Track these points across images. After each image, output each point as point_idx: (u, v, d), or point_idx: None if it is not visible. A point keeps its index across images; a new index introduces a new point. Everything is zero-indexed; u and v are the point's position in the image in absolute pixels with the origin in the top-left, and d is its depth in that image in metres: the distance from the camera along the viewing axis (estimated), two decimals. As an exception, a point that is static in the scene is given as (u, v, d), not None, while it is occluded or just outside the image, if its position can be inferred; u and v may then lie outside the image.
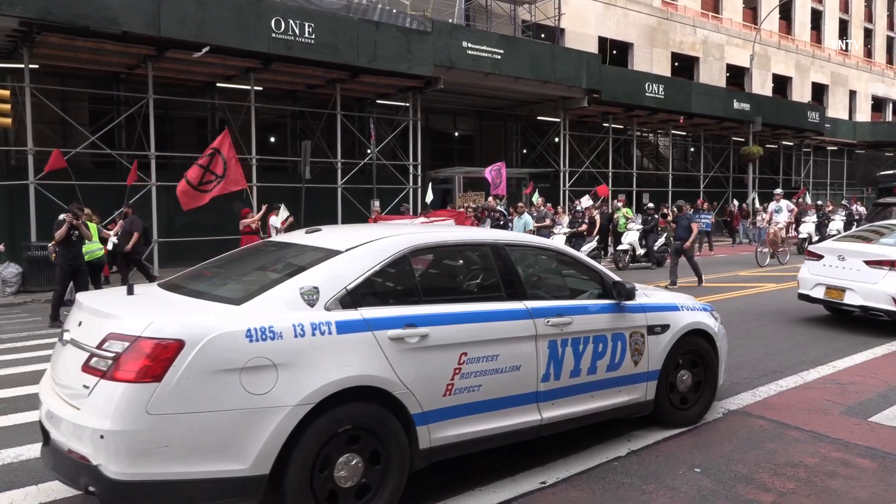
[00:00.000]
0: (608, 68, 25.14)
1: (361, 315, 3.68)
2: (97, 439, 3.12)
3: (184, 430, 3.16)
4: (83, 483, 3.23)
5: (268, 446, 3.28)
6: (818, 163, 40.01)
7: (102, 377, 3.20)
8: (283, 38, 16.01)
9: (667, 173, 29.95)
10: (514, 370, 4.17)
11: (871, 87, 47.08)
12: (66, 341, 3.65)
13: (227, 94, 19.30)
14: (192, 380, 3.18)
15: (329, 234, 4.45)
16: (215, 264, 4.60)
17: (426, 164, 22.86)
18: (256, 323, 3.38)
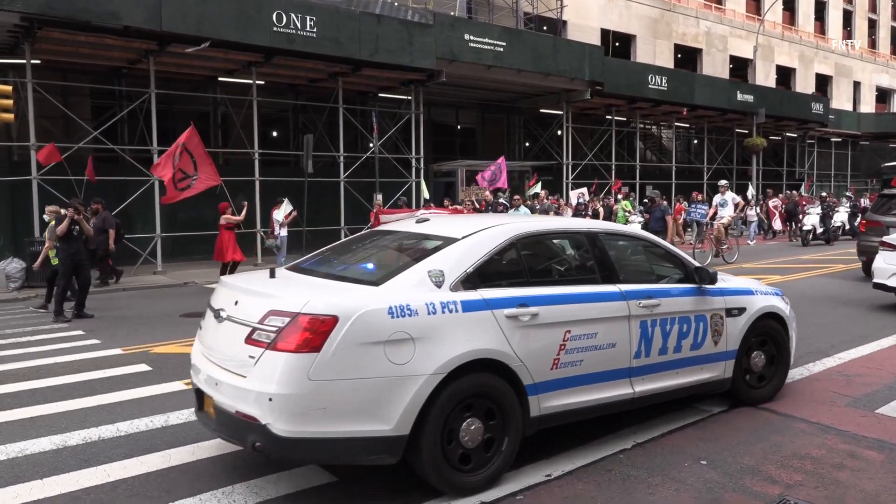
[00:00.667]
0: (611, 60, 25.04)
1: (481, 295, 4.10)
2: (265, 402, 3.58)
3: (339, 395, 3.61)
4: (250, 440, 3.68)
5: (408, 410, 3.70)
6: (822, 154, 39.87)
7: (267, 348, 3.66)
8: (284, 32, 15.95)
9: (670, 165, 29.90)
10: (611, 347, 4.56)
11: (876, 78, 46.83)
12: (222, 318, 4.08)
13: (228, 89, 19.26)
14: (346, 350, 3.62)
15: (438, 224, 4.99)
16: (334, 251, 5.10)
17: (428, 157, 22.80)
18: (395, 301, 3.81)
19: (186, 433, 5.11)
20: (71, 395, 6.15)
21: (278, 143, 22.49)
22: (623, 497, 3.96)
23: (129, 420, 5.43)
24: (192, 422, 5.35)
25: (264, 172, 17.75)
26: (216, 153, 20.84)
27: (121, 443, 4.95)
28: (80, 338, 8.91)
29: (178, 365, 7.21)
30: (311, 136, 16.98)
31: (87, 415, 5.60)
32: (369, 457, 3.75)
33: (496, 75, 20.75)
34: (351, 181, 19.13)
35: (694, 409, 5.48)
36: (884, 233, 12.67)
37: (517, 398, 4.13)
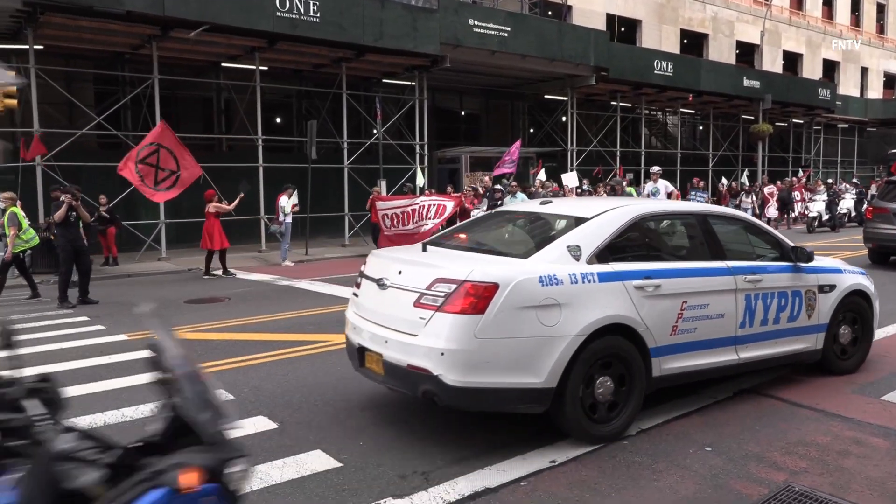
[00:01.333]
0: (616, 46, 24.84)
1: (612, 268, 4.65)
2: (437, 356, 4.18)
3: (499, 351, 4.19)
4: (421, 389, 4.30)
5: (556, 365, 4.27)
6: (828, 141, 39.59)
7: (437, 311, 4.24)
8: (287, 17, 15.85)
9: (675, 152, 29.70)
10: (720, 317, 5.07)
11: (883, 64, 46.39)
12: (385, 286, 4.67)
13: (232, 74, 19.18)
14: (505, 313, 4.19)
15: (563, 205, 5.80)
16: (467, 229, 5.84)
17: (432, 143, 22.72)
18: (544, 272, 4.37)
19: (191, 419, 5.12)
20: (76, 381, 6.16)
21: (282, 129, 22.42)
22: (628, 483, 3.96)
23: (134, 406, 5.44)
24: (196, 407, 5.36)
25: (268, 159, 17.71)
26: (219, 139, 20.87)
27: (126, 428, 4.97)
28: (85, 324, 8.93)
29: (183, 351, 7.23)
30: (315, 123, 16.97)
31: (92, 400, 5.62)
32: (522, 405, 4.36)
33: (501, 61, 20.61)
34: (355, 167, 19.08)
35: (698, 395, 5.47)
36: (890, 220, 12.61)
37: (642, 360, 4.67)
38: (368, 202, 16.22)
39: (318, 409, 5.31)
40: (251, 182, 17.51)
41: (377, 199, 15.89)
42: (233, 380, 6.09)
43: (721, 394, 5.51)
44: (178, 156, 13.19)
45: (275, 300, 10.51)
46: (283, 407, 5.35)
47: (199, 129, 20.95)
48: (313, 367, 6.52)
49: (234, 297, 10.92)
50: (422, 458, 4.32)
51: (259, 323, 8.71)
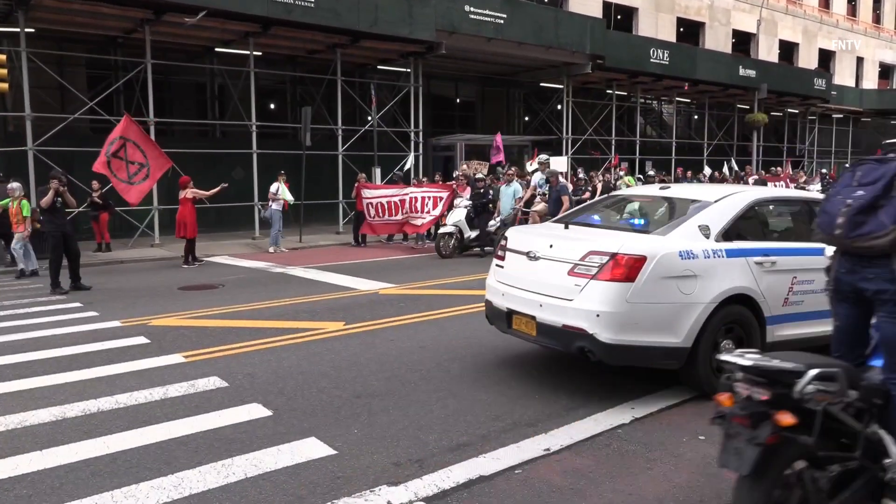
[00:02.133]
0: (612, 34, 24.74)
1: (736, 246, 5.29)
2: (593, 317, 4.89)
3: (646, 314, 4.91)
4: (576, 346, 5.02)
5: (692, 328, 4.97)
6: (823, 131, 39.62)
7: (592, 278, 4.96)
8: (282, 2, 15.70)
9: (670, 141, 29.70)
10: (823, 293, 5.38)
11: (879, 54, 46.35)
12: (536, 257, 5.43)
13: (225, 59, 19.03)
14: (651, 282, 4.89)
15: (682, 190, 6.47)
16: (593, 210, 6.52)
17: (427, 130, 22.63)
18: (682, 247, 5.06)
19: (185, 405, 5.12)
20: (69, 368, 6.14)
21: (276, 115, 22.27)
22: (621, 471, 3.98)
23: (128, 392, 5.43)
24: (190, 394, 5.36)
25: (262, 145, 17.60)
26: (213, 125, 20.72)
27: (120, 415, 4.96)
28: (78, 310, 8.90)
29: (177, 337, 7.22)
30: (310, 109, 16.88)
31: (86, 387, 5.60)
32: (663, 361, 5.06)
33: (496, 48, 20.50)
34: (349, 154, 18.99)
35: (692, 384, 5.49)
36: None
37: (759, 327, 5.33)
38: (354, 190, 16.14)
39: (313, 396, 5.31)
40: (245, 169, 17.45)
41: (363, 187, 15.77)
42: (227, 367, 6.08)
43: (714, 383, 5.53)
44: (145, 148, 13.06)
45: (269, 287, 10.49)
46: (277, 394, 5.34)
47: (192, 114, 20.80)
48: (308, 354, 6.51)
49: (228, 283, 10.89)
50: (416, 446, 4.33)
51: (253, 310, 8.69)
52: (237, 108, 18.05)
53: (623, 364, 5.10)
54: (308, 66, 20.71)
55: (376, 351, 6.61)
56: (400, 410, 4.98)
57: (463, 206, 14.34)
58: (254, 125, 17.15)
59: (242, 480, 3.90)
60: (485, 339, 6.96)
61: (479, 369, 5.98)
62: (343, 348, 6.72)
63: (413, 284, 10.52)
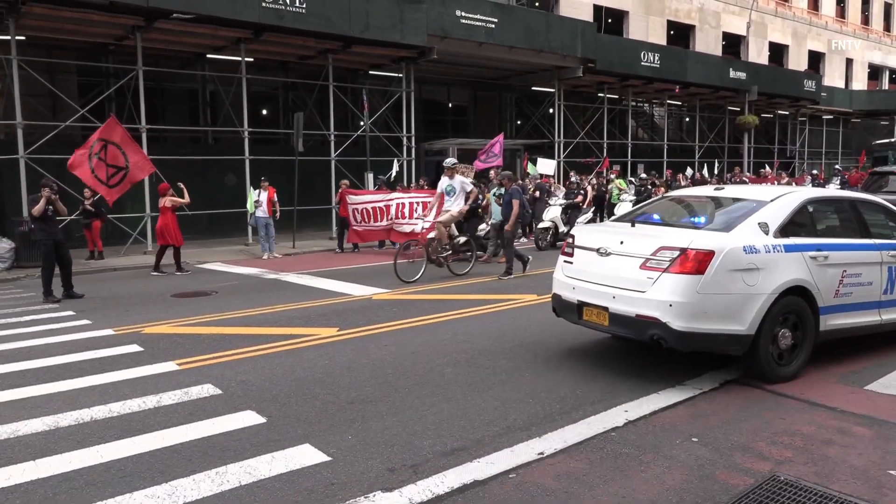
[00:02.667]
0: (603, 37, 24.86)
1: (792, 241, 5.69)
2: (666, 307, 5.30)
3: (715, 304, 5.29)
4: (650, 333, 5.41)
5: (755, 317, 5.36)
6: (813, 132, 39.88)
7: (664, 272, 5.37)
8: (273, 8, 15.72)
9: (662, 143, 29.82)
10: (869, 285, 6.15)
11: (868, 55, 46.70)
12: (607, 253, 5.84)
13: (217, 66, 19.02)
14: (719, 275, 5.29)
15: (737, 190, 6.84)
16: (655, 209, 6.78)
17: (420, 135, 22.67)
18: (745, 242, 5.45)
19: (179, 413, 5.11)
20: (62, 376, 6.12)
21: (268, 121, 22.28)
22: (615, 474, 3.99)
23: (121, 401, 5.41)
24: (184, 402, 5.35)
25: (254, 151, 17.59)
26: (205, 131, 20.70)
27: (113, 423, 4.94)
28: (71, 318, 8.86)
29: (171, 345, 7.20)
30: (302, 115, 16.88)
31: (79, 396, 5.58)
32: (729, 347, 5.43)
33: (488, 52, 20.58)
34: (342, 160, 19.00)
35: (685, 386, 5.52)
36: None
37: (813, 316, 5.73)
38: (338, 195, 16.08)
39: (307, 402, 5.30)
40: (237, 175, 17.43)
41: (347, 193, 15.71)
42: (220, 374, 6.07)
43: (707, 385, 5.56)
44: (127, 151, 13.00)
45: (262, 294, 10.47)
46: (270, 401, 5.34)
47: (184, 121, 20.79)
48: (301, 361, 6.50)
49: (221, 290, 10.87)
50: (410, 451, 4.33)
51: (246, 317, 8.68)
52: (229, 115, 18.03)
53: (692, 350, 5.49)
54: (300, 71, 20.74)
55: (370, 356, 6.61)
56: (394, 416, 4.98)
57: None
58: (246, 131, 17.14)
59: (237, 488, 3.89)
60: (477, 343, 6.97)
61: (473, 374, 5.98)
62: (337, 354, 6.72)
63: (406, 289, 10.52)
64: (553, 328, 7.64)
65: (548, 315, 8.39)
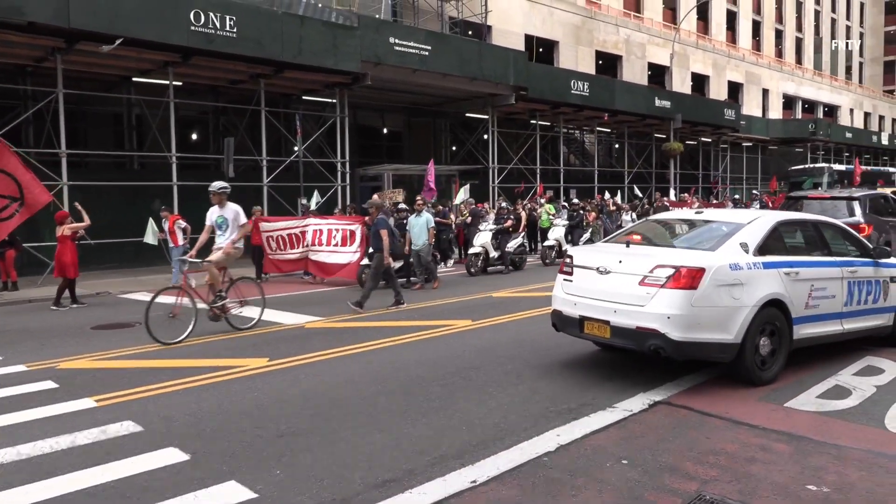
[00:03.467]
0: (535, 66, 25.50)
1: (769, 259, 6.37)
2: (665, 319, 5.89)
3: (707, 316, 5.93)
4: (649, 344, 5.97)
5: (741, 326, 6.02)
6: (734, 158, 41.77)
7: (661, 287, 5.98)
8: (203, 31, 15.48)
9: (593, 169, 30.64)
10: (833, 297, 6.83)
11: (782, 86, 49.46)
12: (606, 272, 6.42)
13: (143, 89, 18.55)
14: (709, 289, 5.93)
15: (716, 213, 7.68)
16: (638, 231, 7.42)
17: (354, 161, 22.61)
18: (730, 261, 6.11)
19: (95, 453, 4.84)
20: (-33, 417, 5.73)
21: (198, 146, 21.80)
22: (548, 500, 3.99)
23: (31, 442, 5.10)
24: (101, 441, 5.09)
25: (182, 177, 17.15)
26: (130, 157, 20.07)
27: (21, 467, 4.64)
28: (-20, 354, 8.35)
29: (88, 381, 6.86)
30: (232, 140, 16.60)
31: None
32: (719, 355, 6.06)
33: (422, 79, 20.78)
34: (275, 185, 18.74)
35: (616, 409, 5.60)
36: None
37: (788, 326, 6.37)
38: (250, 222, 15.58)
39: (233, 437, 5.12)
40: (165, 201, 16.94)
41: (260, 221, 15.21)
42: (142, 410, 5.81)
43: (637, 406, 5.66)
44: (21, 180, 12.34)
45: (190, 324, 10.11)
46: (195, 437, 5.13)
47: (109, 146, 20.14)
48: (229, 393, 6.30)
49: (145, 321, 10.44)
50: (341, 485, 4.23)
51: (169, 349, 8.37)
52: (156, 139, 17.58)
53: (687, 358, 6.10)
54: (230, 95, 20.44)
55: (301, 387, 6.46)
56: (325, 448, 4.87)
57: None
58: (174, 156, 16.71)
59: (155, 531, 3.70)
60: (412, 371, 6.92)
61: (406, 402, 5.92)
62: (266, 386, 6.54)
63: (339, 317, 10.38)
64: (489, 353, 7.66)
65: (483, 340, 8.43)
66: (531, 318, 9.92)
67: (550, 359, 7.42)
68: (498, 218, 17.21)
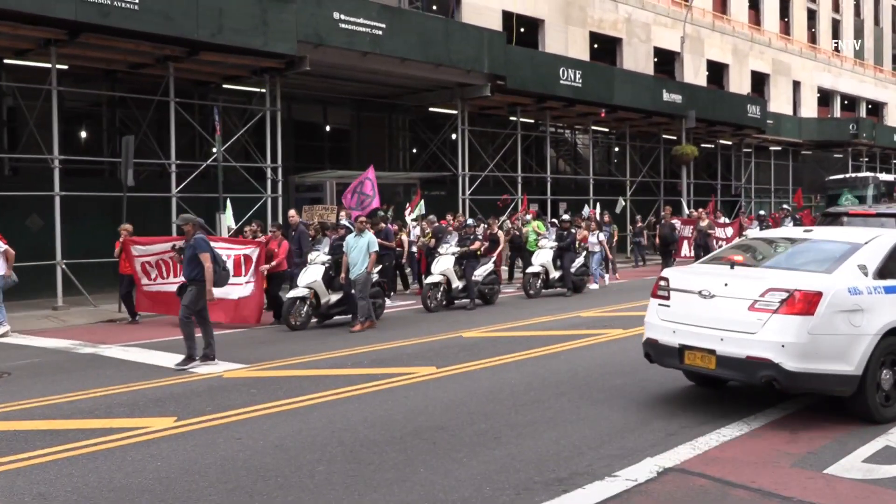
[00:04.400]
0: (515, 49, 25.82)
1: (891, 283, 7.14)
2: (779, 348, 6.59)
3: (825, 344, 6.65)
4: (761, 375, 6.72)
5: (862, 357, 6.71)
6: (760, 165, 42.53)
7: (774, 313, 6.70)
8: (95, 2, 15.36)
9: (587, 178, 30.94)
10: None
11: (817, 78, 50.71)
12: (710, 296, 7.17)
13: (18, 74, 18.32)
14: (828, 315, 6.66)
15: (828, 232, 8.64)
16: (741, 250, 8.48)
17: (289, 165, 22.57)
18: (849, 284, 6.87)
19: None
20: None
21: (88, 146, 21.55)
22: None
23: None
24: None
25: (67, 185, 16.89)
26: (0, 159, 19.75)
27: None
28: None
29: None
30: (132, 139, 16.45)
31: None
32: (837, 388, 6.80)
33: (374, 64, 20.89)
34: (186, 196, 18.55)
35: (617, 478, 5.63)
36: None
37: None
38: (117, 245, 14.72)
39: (129, 520, 5.02)
40: (45, 216, 16.68)
41: (131, 243, 14.63)
42: (9, 485, 5.67)
43: (643, 475, 5.69)
44: None
45: (73, 374, 9.96)
46: (78, 520, 5.02)
47: (-29, 145, 19.77)
48: (124, 463, 6.18)
49: (17, 371, 10.25)
50: None
51: (50, 405, 8.21)
52: (34, 137, 17.30)
53: (802, 391, 6.95)
54: (131, 83, 20.29)
55: (218, 454, 6.37)
56: (247, 533, 4.79)
57: (320, 262, 14.04)
58: (56, 159, 16.47)
59: None
60: (359, 432, 6.88)
61: (352, 472, 5.88)
62: (173, 453, 6.44)
63: (266, 364, 10.30)
64: (458, 408, 7.66)
65: (450, 392, 8.42)
66: (511, 364, 9.94)
67: (535, 415, 7.45)
68: (462, 239, 16.62)
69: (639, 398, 8.10)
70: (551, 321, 14.09)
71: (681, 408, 7.64)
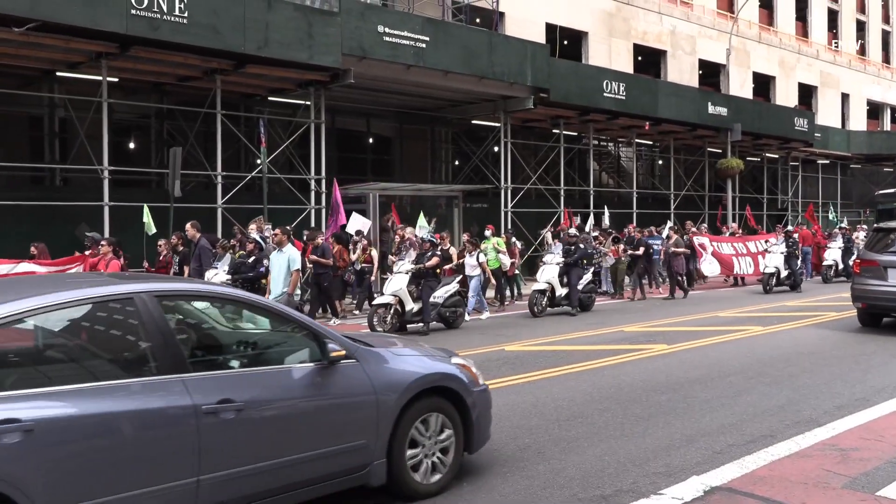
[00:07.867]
0: (558, 62, 25.75)
1: None
2: None
3: None
4: None
5: None
6: (807, 179, 41.89)
7: None
8: (145, 16, 15.65)
9: (630, 191, 30.72)
10: None
11: (866, 90, 49.88)
12: None
13: (71, 87, 18.70)
14: None
15: None
16: None
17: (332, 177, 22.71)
18: None
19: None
20: None
21: (136, 157, 21.95)
22: None
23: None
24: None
25: (117, 195, 17.20)
26: (51, 169, 20.20)
27: None
28: None
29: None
30: (180, 150, 16.67)
31: None
32: None
33: (417, 77, 20.97)
34: (231, 207, 18.77)
35: (661, 496, 5.54)
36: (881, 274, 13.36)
37: None
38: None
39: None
40: (94, 225, 16.97)
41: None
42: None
43: (688, 493, 5.59)
44: None
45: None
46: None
47: (22, 155, 20.24)
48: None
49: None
50: None
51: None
52: (84, 149, 17.67)
53: None
54: (179, 96, 20.62)
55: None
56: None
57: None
58: (106, 170, 16.79)
59: None
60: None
61: None
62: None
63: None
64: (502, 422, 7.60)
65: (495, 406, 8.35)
66: (554, 379, 9.86)
67: (579, 430, 7.37)
68: (420, 255, 15.11)
69: (683, 415, 7.99)
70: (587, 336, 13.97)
71: (727, 425, 7.50)
